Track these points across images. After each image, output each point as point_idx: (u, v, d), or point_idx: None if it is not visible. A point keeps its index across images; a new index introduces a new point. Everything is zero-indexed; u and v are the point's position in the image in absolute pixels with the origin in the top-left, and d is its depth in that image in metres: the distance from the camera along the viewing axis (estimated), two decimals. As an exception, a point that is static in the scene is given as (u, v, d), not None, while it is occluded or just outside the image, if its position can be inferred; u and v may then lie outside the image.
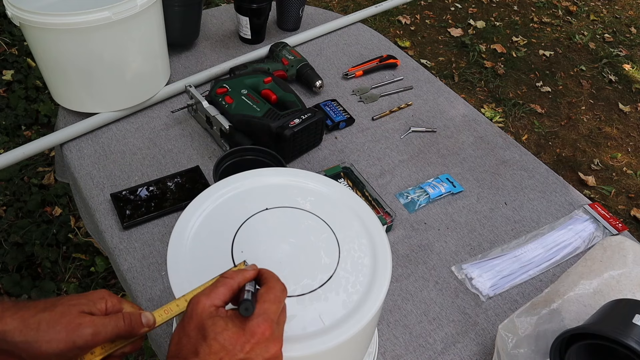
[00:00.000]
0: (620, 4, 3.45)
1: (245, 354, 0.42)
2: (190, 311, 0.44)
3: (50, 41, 0.91)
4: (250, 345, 0.42)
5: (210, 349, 0.41)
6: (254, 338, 0.42)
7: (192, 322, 0.43)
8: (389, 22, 2.96)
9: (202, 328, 0.42)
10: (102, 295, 0.48)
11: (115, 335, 0.46)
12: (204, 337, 0.42)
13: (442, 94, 1.19)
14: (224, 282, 0.45)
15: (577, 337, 0.66)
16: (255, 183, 0.62)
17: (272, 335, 0.44)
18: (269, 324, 0.43)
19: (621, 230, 0.92)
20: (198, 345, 0.42)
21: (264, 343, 0.43)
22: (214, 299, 0.44)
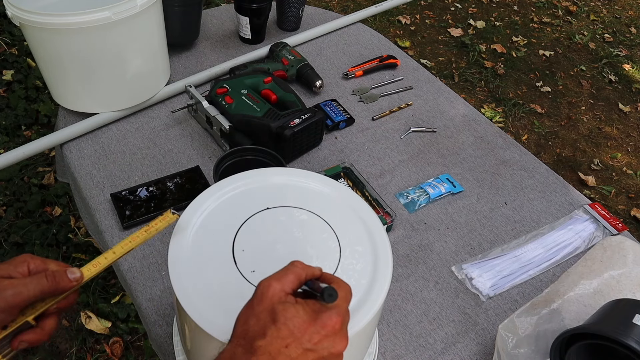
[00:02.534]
0: (620, 4, 3.45)
1: (312, 345, 0.42)
2: (261, 293, 0.43)
3: (50, 41, 0.91)
4: (320, 336, 0.42)
5: (279, 333, 0.41)
6: (324, 329, 0.42)
7: (262, 304, 0.43)
8: (389, 22, 2.96)
9: (273, 311, 0.42)
10: (24, 259, 0.50)
11: (40, 292, 0.47)
12: (274, 321, 0.42)
13: (442, 94, 1.19)
14: (294, 271, 0.45)
15: (577, 337, 0.66)
16: (255, 183, 0.62)
17: (342, 331, 0.44)
18: (340, 318, 0.43)
19: (621, 230, 0.92)
20: (266, 327, 0.41)
21: (332, 337, 0.43)
22: (285, 285, 0.44)
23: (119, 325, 1.46)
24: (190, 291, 0.51)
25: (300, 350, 0.41)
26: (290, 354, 0.41)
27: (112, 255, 0.53)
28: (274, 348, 0.41)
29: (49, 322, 0.50)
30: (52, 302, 0.49)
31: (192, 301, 0.50)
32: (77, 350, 1.41)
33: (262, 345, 0.41)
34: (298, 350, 0.41)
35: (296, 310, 0.42)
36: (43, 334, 0.49)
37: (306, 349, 0.42)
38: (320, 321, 0.42)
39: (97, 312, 1.48)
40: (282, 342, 0.41)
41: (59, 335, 1.44)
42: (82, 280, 0.50)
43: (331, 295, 0.43)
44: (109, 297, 1.52)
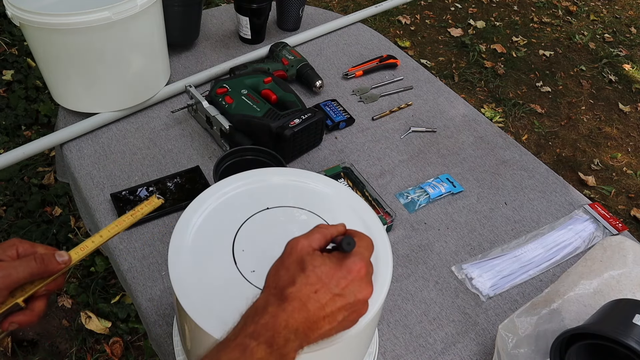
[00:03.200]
0: (620, 4, 3.45)
1: (340, 290, 0.44)
2: (290, 248, 0.46)
3: (50, 41, 0.91)
4: (346, 281, 0.44)
5: (308, 279, 0.44)
6: (350, 275, 0.45)
7: (291, 257, 0.45)
8: (389, 22, 2.96)
9: (301, 261, 0.45)
10: (13, 242, 0.51)
11: (29, 275, 0.49)
12: (302, 269, 0.44)
13: (442, 94, 1.19)
14: (320, 230, 0.48)
15: (577, 337, 0.66)
16: (255, 183, 0.62)
17: (367, 277, 0.46)
18: (364, 264, 0.46)
19: (621, 230, 0.92)
20: (296, 275, 0.44)
21: (358, 282, 0.45)
22: (312, 242, 0.47)
23: (119, 325, 1.46)
24: (190, 291, 0.51)
25: (329, 295, 0.44)
26: (320, 299, 0.43)
27: (99, 239, 0.55)
28: (304, 294, 0.43)
29: (38, 303, 0.51)
30: (41, 285, 0.51)
31: (192, 301, 0.50)
32: (77, 350, 1.41)
33: (292, 292, 0.43)
34: (327, 295, 0.44)
35: (322, 259, 0.45)
36: (33, 315, 0.51)
37: (335, 294, 0.44)
38: (345, 267, 0.45)
39: (97, 312, 1.48)
40: (312, 288, 0.43)
41: (59, 335, 1.44)
42: (70, 263, 0.52)
43: (349, 244, 0.45)
44: (109, 297, 1.52)
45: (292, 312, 0.43)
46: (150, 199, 0.59)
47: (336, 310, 0.44)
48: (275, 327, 0.42)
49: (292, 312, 0.43)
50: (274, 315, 0.42)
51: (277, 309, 0.43)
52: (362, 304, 0.46)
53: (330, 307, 0.44)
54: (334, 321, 0.44)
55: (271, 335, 0.41)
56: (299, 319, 0.43)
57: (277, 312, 0.43)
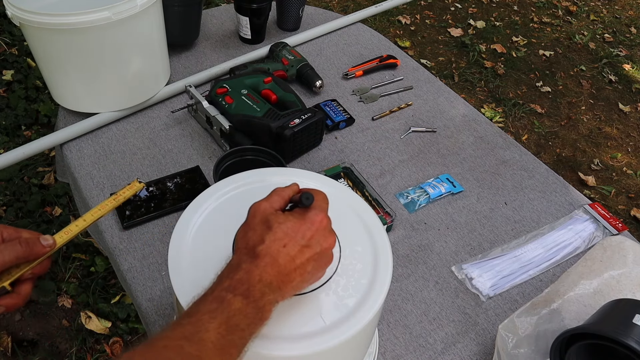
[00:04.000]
0: (620, 4, 3.45)
1: (306, 241, 0.47)
2: (253, 211, 0.49)
3: (50, 41, 0.91)
4: (311, 232, 0.47)
5: (275, 235, 0.46)
6: (313, 226, 0.47)
7: (255, 218, 0.48)
8: (389, 22, 2.96)
9: (266, 220, 0.47)
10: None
11: (14, 258, 0.50)
12: (269, 227, 0.47)
13: (442, 94, 1.19)
14: (277, 192, 0.51)
15: (577, 337, 0.66)
16: (255, 183, 0.62)
17: (328, 227, 0.49)
18: (324, 214, 0.49)
19: (621, 230, 0.92)
20: (264, 234, 0.46)
21: (322, 232, 0.48)
22: (273, 203, 0.49)
23: (119, 325, 1.46)
24: (190, 291, 0.51)
25: (297, 247, 0.46)
26: (289, 252, 0.46)
27: (82, 223, 0.56)
28: (274, 249, 0.46)
29: (24, 287, 0.52)
30: (27, 268, 0.52)
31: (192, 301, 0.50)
32: (77, 350, 1.41)
33: (262, 249, 0.45)
34: (295, 247, 0.46)
35: (285, 216, 0.48)
36: (19, 298, 0.52)
37: (302, 245, 0.46)
38: (308, 219, 0.48)
39: (97, 312, 1.48)
40: (280, 243, 0.46)
41: (58, 335, 1.44)
42: (55, 247, 0.53)
43: (308, 198, 0.48)
44: (109, 297, 1.52)
45: (265, 267, 0.45)
46: (132, 184, 0.62)
47: (305, 261, 0.47)
48: (249, 281, 0.44)
49: (264, 267, 0.45)
50: (248, 271, 0.45)
51: (250, 265, 0.45)
52: (327, 253, 0.49)
53: (299, 259, 0.46)
54: (304, 272, 0.47)
55: (246, 288, 0.44)
56: (272, 273, 0.45)
57: (250, 268, 0.45)
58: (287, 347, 0.46)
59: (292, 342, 0.47)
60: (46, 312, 1.49)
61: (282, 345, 0.47)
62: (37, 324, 1.46)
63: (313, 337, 0.48)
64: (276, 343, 0.47)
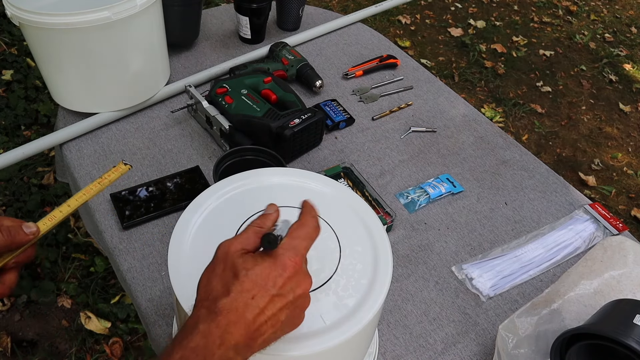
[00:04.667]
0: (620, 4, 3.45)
1: (277, 290, 0.42)
2: (221, 253, 0.44)
3: (50, 41, 0.91)
4: (283, 279, 0.42)
5: (242, 286, 0.41)
6: (285, 272, 0.42)
7: (221, 263, 0.43)
8: (389, 22, 2.96)
9: (233, 266, 0.42)
10: None
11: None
12: (235, 275, 0.41)
13: (442, 93, 1.19)
14: (251, 228, 0.46)
15: (578, 337, 0.66)
16: (255, 183, 0.62)
17: (302, 270, 0.44)
18: (299, 258, 0.44)
19: (622, 230, 0.92)
20: (229, 284, 0.41)
21: (295, 277, 0.43)
22: (244, 244, 0.44)
23: (118, 325, 1.46)
24: (190, 291, 0.50)
25: (267, 297, 0.41)
26: (259, 304, 0.41)
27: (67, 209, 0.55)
28: (240, 303, 0.40)
29: (9, 276, 0.51)
30: (10, 257, 0.51)
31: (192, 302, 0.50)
32: (76, 350, 1.41)
33: (226, 303, 0.40)
34: (265, 298, 0.41)
35: (254, 261, 0.42)
36: (4, 288, 0.51)
37: (273, 295, 0.41)
38: (280, 264, 0.42)
39: (96, 312, 1.48)
40: (248, 295, 0.41)
41: (58, 335, 1.44)
42: (39, 234, 0.52)
43: (269, 242, 0.43)
44: (108, 297, 1.52)
45: (228, 325, 0.39)
46: (118, 166, 0.60)
47: (277, 311, 0.42)
48: (207, 349, 0.38)
49: (227, 326, 0.39)
50: (206, 335, 0.39)
51: (210, 325, 0.39)
52: (303, 299, 0.44)
53: (270, 310, 0.41)
54: (277, 323, 0.42)
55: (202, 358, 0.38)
56: (238, 333, 0.39)
57: (209, 329, 0.39)
58: (287, 347, 0.46)
59: (292, 342, 0.47)
60: (46, 313, 1.48)
61: (282, 346, 0.47)
62: (36, 324, 1.46)
63: (313, 337, 0.48)
64: (276, 343, 0.47)
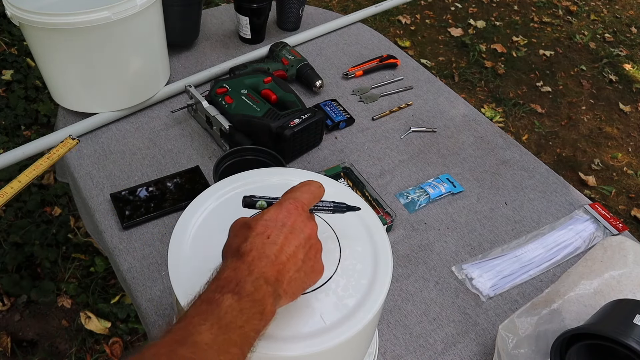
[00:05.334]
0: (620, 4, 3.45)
1: (289, 228, 0.46)
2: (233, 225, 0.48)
3: (50, 41, 0.91)
4: (291, 220, 0.46)
5: (256, 230, 0.45)
6: (291, 214, 0.47)
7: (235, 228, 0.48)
8: (389, 22, 2.96)
9: (244, 223, 0.47)
10: None
11: None
12: (249, 227, 0.46)
13: (442, 93, 1.19)
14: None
15: (578, 337, 0.66)
16: (255, 183, 0.62)
17: (305, 212, 0.48)
18: (300, 203, 0.48)
19: (622, 230, 0.92)
20: (246, 235, 0.45)
21: (301, 218, 0.47)
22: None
23: (118, 325, 1.46)
24: (190, 291, 0.50)
25: (281, 234, 0.45)
26: (275, 241, 0.45)
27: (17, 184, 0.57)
28: (259, 243, 0.45)
29: None
30: None
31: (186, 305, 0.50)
32: (76, 350, 1.41)
33: (247, 245, 0.44)
34: (280, 236, 0.45)
35: (262, 213, 0.47)
36: None
37: (286, 232, 0.46)
38: (284, 207, 0.47)
39: (96, 312, 1.48)
40: (263, 236, 0.45)
41: (58, 335, 1.44)
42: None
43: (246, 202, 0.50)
44: (108, 297, 1.52)
45: (253, 261, 0.44)
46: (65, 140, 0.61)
47: (295, 249, 0.45)
48: (237, 277, 0.43)
49: (252, 261, 0.44)
50: (235, 269, 0.43)
51: (237, 262, 0.44)
52: (314, 240, 0.48)
53: (288, 247, 0.45)
54: (297, 260, 0.46)
55: (235, 284, 0.42)
56: (262, 265, 0.44)
57: (237, 265, 0.44)
58: (287, 347, 0.46)
59: (292, 342, 0.47)
60: (46, 313, 1.48)
61: (282, 346, 0.47)
62: (36, 324, 1.46)
63: (313, 337, 0.48)
64: (276, 343, 0.47)
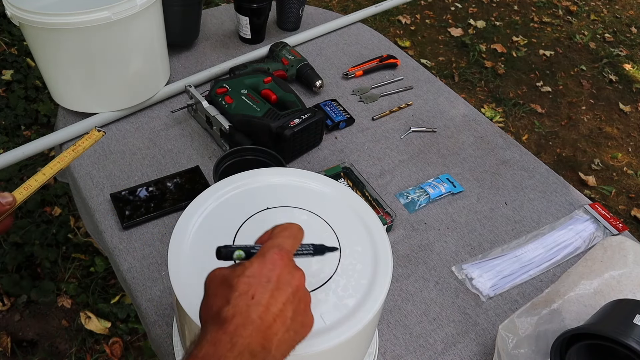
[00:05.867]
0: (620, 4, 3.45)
1: (274, 283, 0.41)
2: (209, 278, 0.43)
3: (50, 41, 0.91)
4: (276, 273, 0.41)
5: (239, 290, 0.40)
6: (276, 266, 0.42)
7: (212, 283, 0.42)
8: (389, 22, 2.96)
9: (224, 280, 0.42)
10: None
11: None
12: (229, 285, 0.41)
13: (442, 93, 1.19)
14: None
15: (578, 337, 0.66)
16: (255, 183, 0.62)
17: (292, 264, 0.44)
18: (285, 253, 0.43)
19: (622, 230, 0.92)
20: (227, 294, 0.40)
21: (287, 270, 0.42)
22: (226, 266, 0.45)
23: (118, 325, 1.46)
24: (190, 291, 0.50)
25: (267, 293, 0.40)
26: (261, 302, 0.40)
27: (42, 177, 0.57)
28: (243, 305, 0.39)
29: None
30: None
31: (192, 301, 0.50)
32: (76, 350, 1.41)
33: (229, 309, 0.39)
34: (265, 294, 0.40)
35: (243, 265, 0.42)
36: None
37: (272, 289, 0.40)
38: (268, 260, 0.42)
39: (96, 312, 1.48)
40: (247, 295, 0.40)
41: (58, 335, 1.44)
42: (15, 204, 0.53)
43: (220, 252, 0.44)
44: (108, 297, 1.52)
45: (236, 329, 0.38)
46: (91, 132, 0.61)
47: (282, 306, 0.40)
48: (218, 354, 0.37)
49: (235, 330, 0.38)
50: (215, 343, 0.38)
51: (218, 332, 0.38)
52: (302, 292, 0.43)
53: (275, 306, 0.40)
54: (286, 319, 0.41)
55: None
56: (248, 335, 0.38)
57: (217, 337, 0.38)
58: (287, 348, 0.46)
59: (292, 342, 0.47)
60: (46, 313, 1.48)
61: (282, 346, 0.46)
62: (36, 324, 1.46)
63: (313, 337, 0.48)
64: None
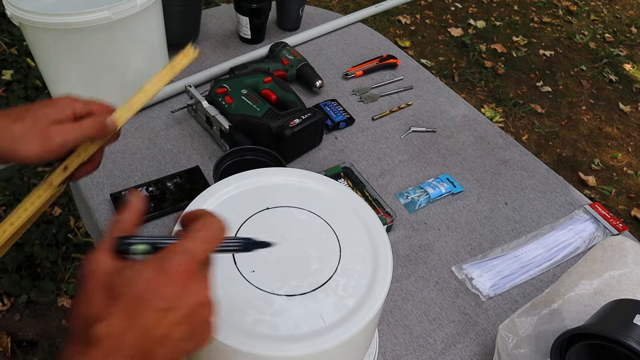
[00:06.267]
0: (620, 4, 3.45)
1: (167, 302, 0.33)
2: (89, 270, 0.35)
3: (50, 41, 0.91)
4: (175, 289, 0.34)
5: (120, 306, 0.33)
6: (174, 280, 0.34)
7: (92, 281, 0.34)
8: (389, 22, 2.96)
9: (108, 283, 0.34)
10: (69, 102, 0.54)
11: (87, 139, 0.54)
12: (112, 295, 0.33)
13: (442, 93, 1.19)
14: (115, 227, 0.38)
15: (578, 338, 0.66)
16: (255, 183, 0.62)
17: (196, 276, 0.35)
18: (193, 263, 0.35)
19: (622, 230, 0.92)
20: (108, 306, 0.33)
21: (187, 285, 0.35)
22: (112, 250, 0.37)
23: (118, 325, 1.46)
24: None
25: (153, 314, 0.33)
26: (143, 324, 0.32)
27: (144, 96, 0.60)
28: (118, 328, 0.32)
29: (97, 155, 0.58)
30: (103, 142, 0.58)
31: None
32: (77, 350, 1.41)
33: (100, 331, 0.32)
34: (149, 315, 0.33)
35: (135, 271, 0.34)
36: (93, 165, 0.58)
37: (162, 309, 0.33)
38: (166, 271, 0.34)
39: (97, 312, 1.48)
40: (128, 316, 0.32)
41: (58, 335, 1.44)
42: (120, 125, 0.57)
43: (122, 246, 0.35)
44: (108, 297, 1.52)
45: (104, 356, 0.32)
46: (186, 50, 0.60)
47: (168, 329, 0.33)
48: None
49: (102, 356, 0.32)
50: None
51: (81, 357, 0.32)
52: (201, 308, 0.36)
53: (159, 330, 0.33)
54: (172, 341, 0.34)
55: None
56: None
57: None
58: (287, 347, 0.46)
59: (291, 342, 0.47)
60: (46, 313, 1.48)
61: (282, 346, 0.47)
62: (36, 324, 1.46)
63: (313, 337, 0.48)
64: (276, 343, 0.47)
